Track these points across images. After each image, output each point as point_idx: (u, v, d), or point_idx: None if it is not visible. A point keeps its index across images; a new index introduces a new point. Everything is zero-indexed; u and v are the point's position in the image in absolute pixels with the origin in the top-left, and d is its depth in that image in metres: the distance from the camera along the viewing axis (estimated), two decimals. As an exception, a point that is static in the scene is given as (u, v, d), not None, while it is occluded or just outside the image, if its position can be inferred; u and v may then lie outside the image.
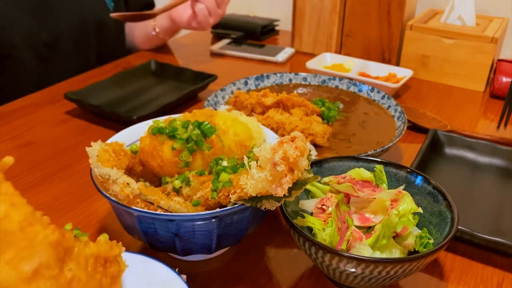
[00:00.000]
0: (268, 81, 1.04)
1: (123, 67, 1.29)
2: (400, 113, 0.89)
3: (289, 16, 1.43)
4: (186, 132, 0.60)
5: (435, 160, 0.84)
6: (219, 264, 0.64)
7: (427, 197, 0.62)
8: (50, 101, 1.08)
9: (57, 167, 0.84)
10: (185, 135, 0.60)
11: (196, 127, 0.60)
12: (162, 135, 0.60)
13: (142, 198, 0.53)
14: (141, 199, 0.54)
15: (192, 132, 0.60)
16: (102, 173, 0.54)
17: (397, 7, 1.24)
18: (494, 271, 0.63)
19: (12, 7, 1.13)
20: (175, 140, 0.60)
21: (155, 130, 0.61)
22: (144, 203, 0.54)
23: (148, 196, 0.53)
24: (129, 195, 0.53)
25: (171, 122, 0.62)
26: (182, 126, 0.61)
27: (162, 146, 0.60)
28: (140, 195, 0.53)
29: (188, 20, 1.27)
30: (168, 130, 0.60)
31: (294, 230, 0.54)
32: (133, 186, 0.53)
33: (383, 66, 1.21)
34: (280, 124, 0.82)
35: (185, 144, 0.59)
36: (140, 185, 0.54)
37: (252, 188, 0.50)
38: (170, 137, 0.60)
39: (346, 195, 0.62)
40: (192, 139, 0.59)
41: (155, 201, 0.53)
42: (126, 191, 0.53)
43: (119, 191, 0.53)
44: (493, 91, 1.15)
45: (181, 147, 0.59)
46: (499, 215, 0.71)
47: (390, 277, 0.52)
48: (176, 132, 0.60)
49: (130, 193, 0.53)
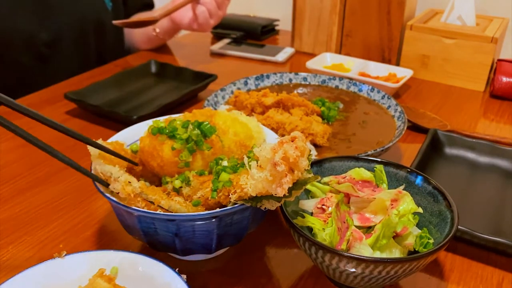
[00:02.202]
0: (268, 81, 1.04)
1: (123, 67, 1.29)
2: (400, 113, 0.89)
3: (289, 16, 1.43)
4: (186, 132, 0.60)
5: (435, 160, 0.84)
6: (219, 264, 0.64)
7: (427, 197, 0.62)
8: (50, 101, 1.08)
9: (57, 167, 0.84)
10: (185, 135, 0.60)
11: (196, 127, 0.60)
12: (162, 135, 0.60)
13: (143, 197, 0.53)
14: (141, 198, 0.53)
15: (192, 132, 0.60)
16: (104, 170, 0.54)
17: (397, 7, 1.24)
18: (494, 271, 0.63)
19: (13, 7, 1.13)
20: (175, 140, 0.60)
21: (155, 130, 0.61)
22: (145, 202, 0.54)
23: (149, 195, 0.53)
24: (130, 194, 0.53)
25: (171, 122, 0.62)
26: (182, 126, 0.61)
27: (162, 146, 0.60)
28: (141, 194, 0.53)
29: (189, 22, 1.28)
30: (168, 130, 0.60)
31: (294, 230, 0.54)
32: (135, 185, 0.53)
33: (383, 66, 1.21)
34: (280, 124, 0.82)
35: (185, 144, 0.59)
36: (141, 184, 0.54)
37: (252, 188, 0.50)
38: (170, 137, 0.60)
39: (346, 195, 0.62)
40: (192, 139, 0.59)
41: (155, 200, 0.53)
42: (128, 189, 0.52)
43: (121, 189, 0.53)
44: (493, 91, 1.15)
45: (181, 147, 0.59)
46: (499, 215, 0.71)
47: (390, 277, 0.52)
48: (176, 132, 0.60)
49: (131, 191, 0.53)
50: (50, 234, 0.68)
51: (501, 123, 1.04)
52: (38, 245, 0.66)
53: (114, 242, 0.67)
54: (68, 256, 0.54)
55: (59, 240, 0.67)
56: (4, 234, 0.68)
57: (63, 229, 0.69)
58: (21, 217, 0.71)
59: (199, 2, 1.25)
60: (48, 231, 0.69)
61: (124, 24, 1.25)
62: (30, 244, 0.66)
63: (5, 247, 0.66)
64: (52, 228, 0.69)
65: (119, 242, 0.67)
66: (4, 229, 0.69)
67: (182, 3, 1.23)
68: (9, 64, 1.16)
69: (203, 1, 1.24)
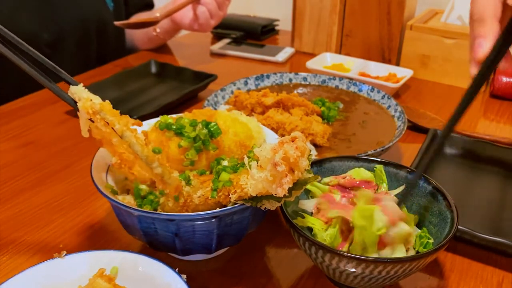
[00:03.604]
0: (268, 81, 1.04)
1: (123, 67, 1.29)
2: (400, 113, 0.89)
3: (289, 16, 1.43)
4: (194, 130, 0.60)
5: (435, 160, 0.84)
6: (219, 264, 0.64)
7: (427, 197, 0.62)
8: (50, 101, 1.08)
9: (57, 167, 0.84)
10: (193, 133, 0.59)
11: (204, 126, 0.60)
12: (169, 131, 0.60)
13: (102, 116, 0.52)
14: (100, 117, 0.52)
15: (200, 131, 0.60)
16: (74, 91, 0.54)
17: (397, 7, 1.24)
18: (494, 271, 0.63)
19: (14, 7, 1.13)
20: (183, 138, 0.59)
21: (163, 125, 0.61)
22: (103, 122, 0.52)
23: (107, 115, 0.52)
24: (89, 110, 0.52)
25: (179, 119, 0.62)
26: (190, 125, 0.61)
27: (168, 142, 0.60)
28: (100, 112, 0.52)
29: (190, 22, 1.28)
30: (176, 126, 0.60)
31: (294, 230, 0.54)
32: (95, 101, 0.52)
33: (383, 66, 1.21)
34: (280, 124, 0.82)
35: (192, 143, 0.59)
36: (105, 103, 0.53)
37: (252, 188, 0.50)
38: (177, 134, 0.60)
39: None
40: (200, 138, 0.59)
41: (111, 122, 0.52)
42: (86, 104, 0.52)
43: (81, 105, 0.52)
44: (493, 91, 1.15)
45: (188, 145, 0.59)
46: (499, 215, 0.71)
47: (390, 277, 0.52)
48: (184, 129, 0.60)
49: (90, 107, 0.52)
50: (50, 234, 0.68)
51: (501, 123, 1.04)
52: (38, 245, 0.66)
53: (114, 242, 0.67)
54: (68, 256, 0.54)
55: (59, 240, 0.67)
56: (4, 234, 0.68)
57: (63, 229, 0.69)
58: (21, 217, 0.71)
59: (200, 3, 1.25)
60: (48, 231, 0.69)
61: (126, 25, 1.25)
62: (30, 244, 0.66)
63: (5, 247, 0.66)
64: (52, 228, 0.69)
65: (119, 242, 0.67)
66: (4, 229, 0.69)
67: (183, 4, 1.23)
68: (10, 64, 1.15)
69: (203, 2, 1.24)
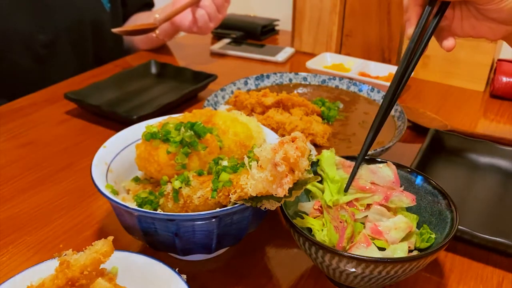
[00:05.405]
0: (268, 81, 1.04)
1: (122, 67, 1.29)
2: (400, 113, 0.89)
3: (289, 16, 1.43)
4: (179, 134, 0.60)
5: (435, 160, 0.84)
6: (219, 264, 0.64)
7: (427, 197, 0.62)
8: (50, 101, 1.08)
9: (57, 167, 0.84)
10: (178, 137, 0.59)
11: (189, 128, 0.60)
12: (155, 140, 0.60)
13: None
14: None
15: (184, 134, 0.59)
16: None
17: (397, 7, 1.24)
18: (494, 271, 0.63)
19: (11, 8, 1.13)
20: (169, 144, 0.59)
21: (148, 136, 0.61)
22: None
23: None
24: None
25: (164, 125, 0.61)
26: (175, 129, 0.60)
27: (157, 151, 0.60)
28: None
29: (189, 25, 1.28)
30: (161, 134, 0.60)
31: (294, 230, 0.54)
32: None
33: (383, 66, 1.21)
34: (280, 124, 0.82)
35: (179, 146, 0.59)
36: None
37: (252, 188, 0.50)
38: (164, 140, 0.60)
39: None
40: (186, 141, 0.59)
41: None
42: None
43: None
44: (493, 91, 1.15)
45: (175, 150, 0.59)
46: (499, 215, 0.71)
47: (390, 277, 0.52)
48: (170, 135, 0.60)
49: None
50: (50, 234, 0.68)
51: (501, 123, 1.04)
52: (38, 245, 0.66)
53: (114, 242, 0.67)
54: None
55: (59, 240, 0.67)
56: (4, 234, 0.68)
57: (63, 229, 0.69)
58: (21, 217, 0.71)
59: (199, 6, 1.25)
60: (48, 231, 0.69)
61: (124, 33, 1.26)
62: (30, 244, 0.66)
63: (5, 247, 0.66)
64: (52, 228, 0.69)
65: (119, 242, 0.67)
66: (4, 229, 0.69)
67: (182, 7, 1.23)
68: (7, 65, 1.16)
69: (203, 5, 1.24)
